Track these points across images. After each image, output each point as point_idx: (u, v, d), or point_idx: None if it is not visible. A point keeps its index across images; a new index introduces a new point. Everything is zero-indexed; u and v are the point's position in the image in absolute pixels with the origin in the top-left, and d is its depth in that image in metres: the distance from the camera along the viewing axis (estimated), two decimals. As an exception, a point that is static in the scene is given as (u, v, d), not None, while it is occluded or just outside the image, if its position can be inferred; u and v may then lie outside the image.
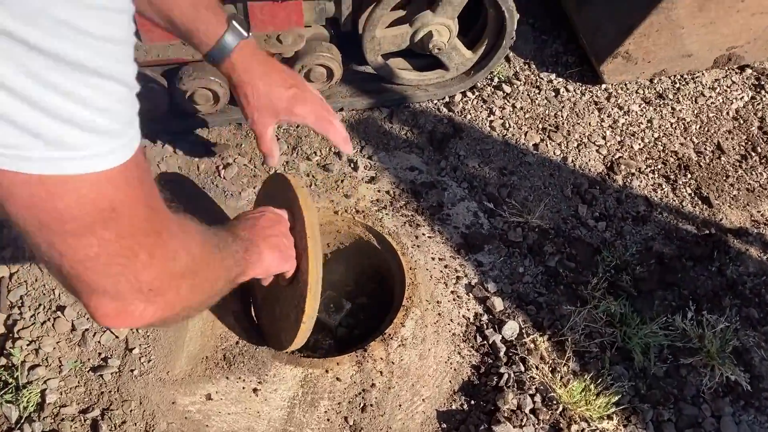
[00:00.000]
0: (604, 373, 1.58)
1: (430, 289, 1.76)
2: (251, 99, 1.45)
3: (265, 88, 1.44)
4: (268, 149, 1.55)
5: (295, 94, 1.48)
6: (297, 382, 1.60)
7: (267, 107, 1.46)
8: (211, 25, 1.34)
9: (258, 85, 1.43)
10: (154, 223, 0.77)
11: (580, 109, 2.19)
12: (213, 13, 1.34)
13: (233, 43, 1.37)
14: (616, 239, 1.85)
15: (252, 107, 1.46)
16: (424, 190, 1.94)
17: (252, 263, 1.24)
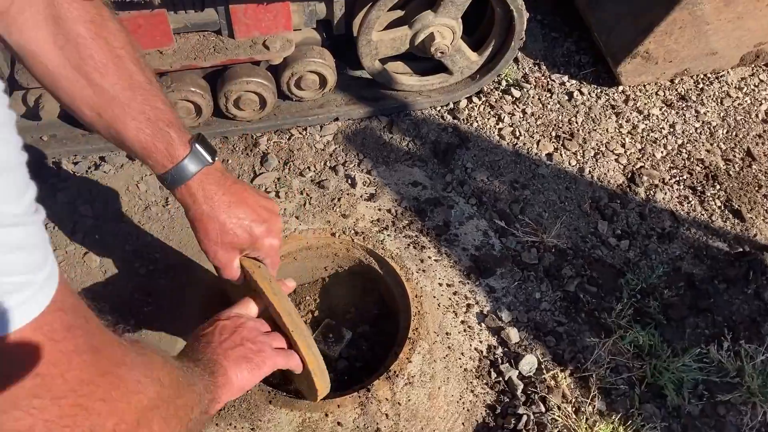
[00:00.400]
0: (634, 413, 1.46)
1: (438, 318, 1.63)
2: (212, 235, 1.22)
3: (231, 223, 1.23)
4: (231, 277, 1.33)
5: (266, 231, 1.29)
6: (294, 427, 1.48)
7: (231, 244, 1.25)
8: (172, 145, 1.13)
9: (221, 219, 1.21)
10: (101, 365, 0.67)
11: (596, 114, 2.06)
12: (175, 131, 1.14)
13: (195, 168, 1.16)
14: (641, 259, 1.73)
15: (213, 244, 1.24)
16: (429, 208, 1.81)
17: (221, 386, 1.11)
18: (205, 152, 1.18)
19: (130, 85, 1.06)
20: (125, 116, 1.06)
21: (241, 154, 1.92)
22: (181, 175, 1.15)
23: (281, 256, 1.75)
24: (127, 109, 1.06)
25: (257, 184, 1.85)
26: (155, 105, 1.10)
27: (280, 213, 1.80)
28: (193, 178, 1.16)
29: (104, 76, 1.02)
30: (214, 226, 1.21)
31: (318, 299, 1.88)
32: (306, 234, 1.77)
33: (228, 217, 1.22)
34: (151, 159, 1.13)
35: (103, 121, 1.07)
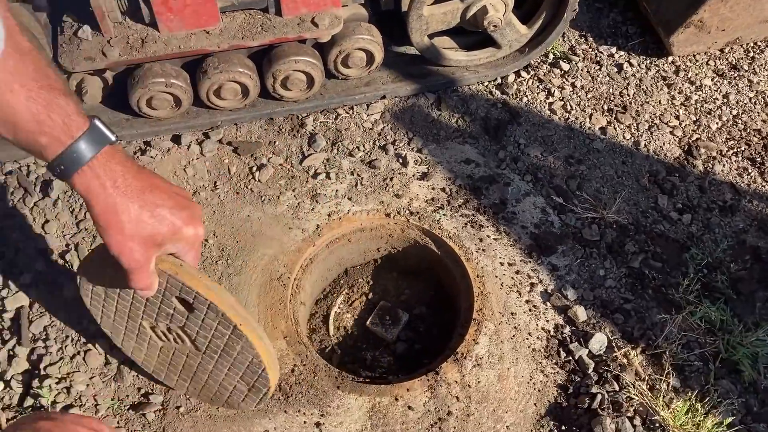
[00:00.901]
0: (710, 389, 1.46)
1: (502, 299, 1.62)
2: (127, 229, 1.01)
3: (147, 212, 1.02)
4: (146, 285, 1.11)
5: (188, 217, 1.08)
6: (364, 413, 1.47)
7: (150, 237, 1.04)
8: (70, 116, 0.94)
9: (135, 207, 1.01)
10: None
11: (648, 86, 2.03)
12: (73, 102, 0.96)
13: (98, 145, 0.96)
14: (704, 233, 1.71)
15: (129, 240, 1.02)
16: (484, 186, 1.79)
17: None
18: (106, 129, 0.99)
19: (18, 50, 0.90)
20: (13, 82, 0.89)
21: (288, 136, 1.89)
22: (82, 155, 0.95)
23: (336, 238, 1.74)
24: (16, 75, 0.90)
25: (307, 165, 1.83)
26: (47, 73, 0.94)
27: (332, 194, 1.78)
28: (96, 157, 0.96)
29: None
30: (128, 216, 1.00)
31: (371, 281, 1.87)
32: (360, 215, 1.75)
33: (143, 204, 1.02)
34: (45, 135, 0.93)
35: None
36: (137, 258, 1.04)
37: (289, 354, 1.54)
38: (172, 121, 1.84)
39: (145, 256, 1.05)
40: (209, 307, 1.19)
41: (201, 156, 1.83)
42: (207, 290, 1.16)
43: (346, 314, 1.82)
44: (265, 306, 1.61)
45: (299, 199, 1.77)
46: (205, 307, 1.19)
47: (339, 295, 1.83)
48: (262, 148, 1.86)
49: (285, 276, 1.65)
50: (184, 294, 1.18)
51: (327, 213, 1.75)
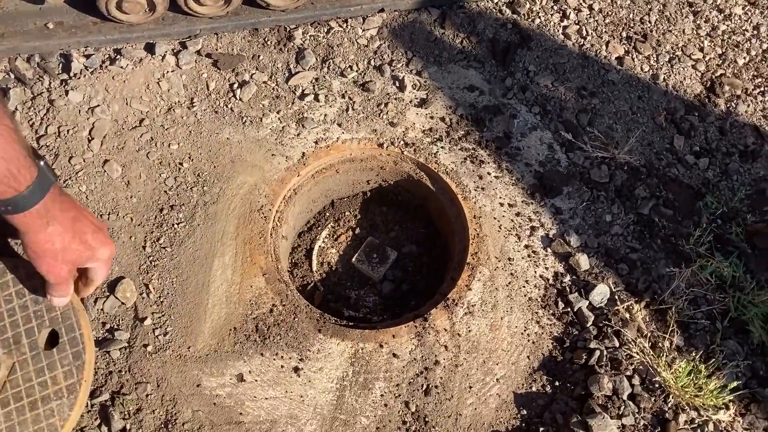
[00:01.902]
0: (715, 349, 1.36)
1: (500, 242, 1.49)
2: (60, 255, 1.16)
3: (76, 241, 1.16)
4: (65, 293, 1.25)
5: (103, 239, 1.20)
6: (346, 358, 1.37)
7: (74, 261, 1.19)
8: (24, 167, 1.03)
9: (67, 238, 1.15)
10: None
11: (671, 13, 1.83)
12: (26, 151, 1.04)
13: (43, 190, 1.08)
14: (721, 180, 1.58)
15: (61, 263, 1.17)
16: (488, 117, 1.63)
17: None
18: (50, 173, 1.11)
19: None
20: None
21: (274, 50, 1.70)
22: (30, 201, 1.07)
23: (323, 168, 1.59)
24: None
25: (293, 84, 1.65)
26: (8, 124, 1.00)
27: (320, 119, 1.61)
28: (41, 201, 1.08)
29: None
30: (61, 245, 1.15)
31: (359, 215, 1.73)
32: (350, 144, 1.59)
33: (74, 233, 1.16)
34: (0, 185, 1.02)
35: None
36: (64, 275, 1.19)
37: (267, 292, 1.42)
38: (145, 28, 1.63)
39: (70, 274, 1.21)
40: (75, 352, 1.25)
41: (177, 68, 1.64)
42: (89, 339, 1.26)
43: (331, 249, 1.70)
44: (243, 239, 1.47)
45: (284, 122, 1.60)
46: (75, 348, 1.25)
47: (324, 229, 1.70)
48: (245, 63, 1.67)
49: (266, 208, 1.51)
50: (64, 326, 1.27)
51: (314, 140, 1.59)
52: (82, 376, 1.24)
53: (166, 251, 1.45)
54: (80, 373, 1.24)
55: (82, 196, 1.47)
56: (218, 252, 1.45)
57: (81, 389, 1.23)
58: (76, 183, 1.48)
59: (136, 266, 1.43)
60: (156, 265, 1.43)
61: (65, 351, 1.26)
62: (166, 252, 1.45)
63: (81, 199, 1.47)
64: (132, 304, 1.40)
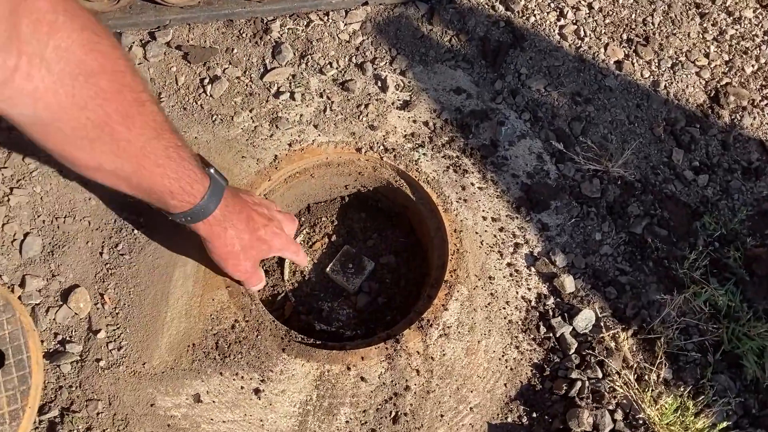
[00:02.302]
0: (705, 384, 1.28)
1: (481, 259, 1.40)
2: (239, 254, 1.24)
3: (255, 239, 1.25)
4: (259, 279, 1.35)
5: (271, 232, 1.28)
6: (310, 381, 1.28)
7: (255, 257, 1.28)
8: (197, 181, 1.08)
9: (246, 239, 1.23)
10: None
11: (677, 14, 1.72)
12: (195, 164, 1.08)
13: (217, 199, 1.13)
14: (721, 198, 1.48)
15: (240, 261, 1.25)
16: (474, 122, 1.52)
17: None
18: (220, 177, 1.16)
19: (154, 130, 0.99)
20: (150, 164, 1.00)
21: (249, 43, 1.59)
22: (207, 210, 1.12)
23: (296, 172, 1.49)
24: (152, 157, 1.00)
25: (268, 81, 1.54)
26: (176, 143, 1.04)
27: (295, 119, 1.51)
28: (218, 207, 1.13)
29: (131, 128, 0.94)
30: (241, 246, 1.22)
31: (336, 221, 1.64)
32: (326, 148, 1.50)
33: (251, 232, 1.23)
34: (175, 199, 1.07)
35: (124, 173, 0.99)
36: (250, 270, 1.28)
37: (230, 307, 1.33)
38: (110, 16, 1.53)
39: (254, 267, 1.29)
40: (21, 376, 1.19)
41: (144, 61, 1.54)
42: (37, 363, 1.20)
43: (305, 256, 1.60)
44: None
45: (257, 121, 1.50)
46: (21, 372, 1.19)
47: (298, 235, 1.61)
48: (218, 56, 1.57)
49: (233, 214, 1.41)
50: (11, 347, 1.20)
51: (288, 141, 1.49)
52: (27, 402, 1.16)
53: (124, 258, 1.36)
54: (25, 399, 1.16)
55: (37, 198, 1.38)
56: (180, 261, 1.36)
57: (24, 416, 1.16)
58: (30, 183, 1.39)
59: (92, 274, 1.34)
60: (113, 274, 1.34)
61: (11, 374, 1.19)
62: (125, 259, 1.36)
63: (36, 201, 1.38)
64: (86, 314, 1.31)
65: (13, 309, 1.25)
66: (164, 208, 1.11)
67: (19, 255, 1.34)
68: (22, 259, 1.34)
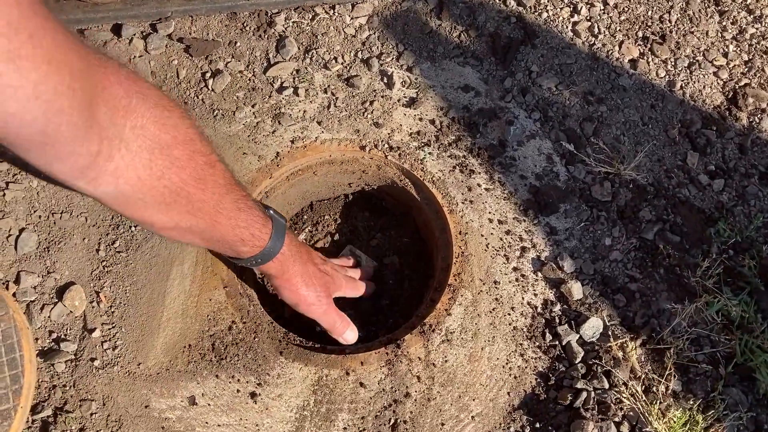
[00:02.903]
0: (716, 398, 1.24)
1: (486, 263, 1.36)
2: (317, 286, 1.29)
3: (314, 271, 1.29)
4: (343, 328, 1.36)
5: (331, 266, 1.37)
6: (308, 386, 1.25)
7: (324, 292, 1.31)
8: (265, 225, 1.15)
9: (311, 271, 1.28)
10: None
11: (695, 12, 1.67)
12: (258, 209, 1.14)
13: (281, 237, 1.19)
14: (737, 204, 1.43)
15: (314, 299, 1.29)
16: (482, 121, 1.49)
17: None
18: (279, 216, 1.21)
19: (224, 187, 1.04)
20: (223, 219, 1.05)
21: (253, 36, 1.56)
22: (273, 250, 1.17)
23: (298, 170, 1.46)
24: (224, 212, 1.05)
25: (271, 76, 1.51)
26: (243, 195, 1.09)
27: (298, 115, 1.48)
28: (283, 248, 1.18)
29: (204, 190, 0.99)
30: (313, 276, 1.27)
31: (339, 219, 1.61)
32: (329, 145, 1.46)
33: (314, 267, 1.28)
34: (246, 245, 1.12)
35: (199, 229, 1.04)
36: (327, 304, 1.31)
37: (227, 308, 1.31)
38: (111, 7, 1.50)
39: (330, 305, 1.32)
40: (14, 375, 1.17)
41: (145, 53, 1.51)
42: (30, 362, 1.18)
43: (307, 256, 1.57)
44: (204, 248, 1.35)
45: (259, 117, 1.47)
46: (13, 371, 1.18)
47: (300, 233, 1.58)
48: (220, 50, 1.53)
49: (233, 212, 1.38)
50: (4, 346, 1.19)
51: (290, 138, 1.46)
52: (19, 402, 1.14)
53: (121, 256, 1.34)
54: (17, 398, 1.15)
55: (33, 192, 1.36)
56: (177, 259, 1.34)
57: (16, 416, 1.14)
58: (26, 178, 1.37)
59: (88, 272, 1.32)
60: (109, 272, 1.32)
61: (3, 373, 1.17)
62: (121, 257, 1.33)
63: (32, 196, 1.36)
64: (81, 313, 1.29)
65: (6, 306, 1.23)
66: (235, 255, 1.17)
67: (14, 251, 1.32)
68: (17, 255, 1.31)
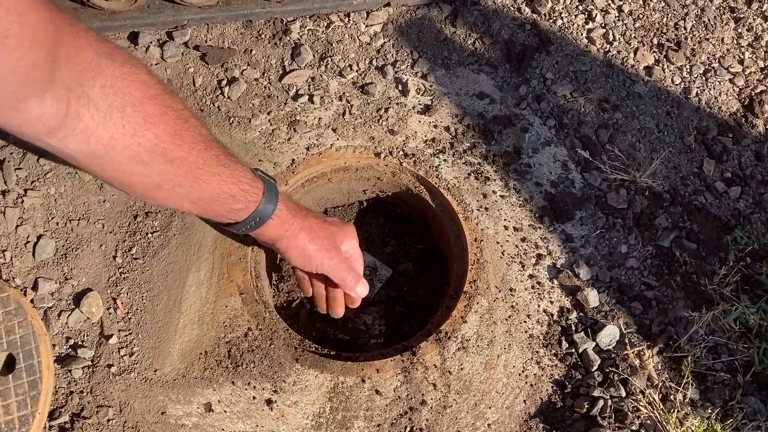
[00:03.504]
0: (734, 406, 1.23)
1: (502, 270, 1.36)
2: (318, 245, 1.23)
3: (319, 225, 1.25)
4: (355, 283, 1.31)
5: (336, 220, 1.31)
6: (324, 393, 1.26)
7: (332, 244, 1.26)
8: (255, 180, 1.12)
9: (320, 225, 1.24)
10: None
11: (710, 19, 1.67)
12: (245, 165, 1.12)
13: (275, 191, 1.16)
14: (754, 212, 1.43)
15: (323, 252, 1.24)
16: (497, 128, 1.49)
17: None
18: (268, 176, 1.18)
19: (203, 143, 1.02)
20: (206, 174, 1.02)
21: (269, 44, 1.57)
22: (269, 205, 1.14)
23: (313, 177, 1.47)
24: (207, 167, 1.02)
25: (287, 83, 1.52)
26: (224, 151, 1.07)
27: (314, 123, 1.49)
28: (279, 204, 1.15)
29: (180, 146, 0.97)
30: (319, 234, 1.22)
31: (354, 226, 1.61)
32: (344, 152, 1.47)
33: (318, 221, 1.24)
34: (239, 203, 1.10)
35: (184, 188, 1.02)
36: (337, 262, 1.25)
37: (243, 314, 1.32)
38: (127, 16, 1.52)
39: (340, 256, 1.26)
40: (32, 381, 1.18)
41: (161, 61, 1.53)
42: (47, 368, 1.19)
43: (321, 263, 1.58)
44: (221, 253, 1.36)
45: (274, 124, 1.48)
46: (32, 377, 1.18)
47: (314, 240, 1.58)
48: (236, 57, 1.55)
49: (248, 219, 1.39)
50: (22, 351, 1.19)
51: (306, 145, 1.47)
52: (37, 408, 1.15)
53: (137, 263, 1.35)
54: (35, 404, 1.16)
55: (51, 199, 1.37)
56: (193, 266, 1.35)
57: (34, 422, 1.15)
58: (44, 185, 1.38)
59: (105, 278, 1.33)
60: (126, 278, 1.33)
61: (21, 379, 1.18)
62: (138, 264, 1.35)
63: (50, 203, 1.38)
64: (98, 319, 1.30)
65: (25, 312, 1.24)
66: (232, 220, 1.14)
67: (32, 257, 1.33)
68: (35, 262, 1.33)
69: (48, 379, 1.19)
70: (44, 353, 1.21)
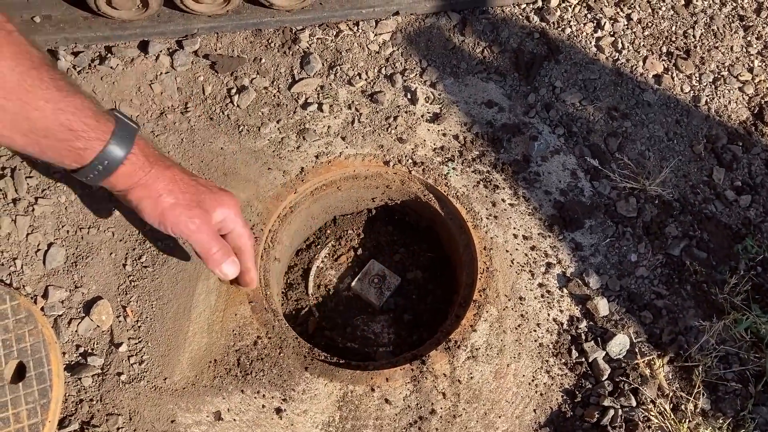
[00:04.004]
0: (746, 417, 1.23)
1: (511, 279, 1.36)
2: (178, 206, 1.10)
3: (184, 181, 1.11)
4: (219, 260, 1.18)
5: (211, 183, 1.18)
6: (333, 401, 1.26)
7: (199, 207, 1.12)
8: (102, 116, 0.98)
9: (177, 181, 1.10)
10: None
11: (719, 27, 1.67)
12: (93, 101, 0.98)
13: (131, 136, 1.02)
14: (764, 220, 1.43)
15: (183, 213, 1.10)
16: (506, 136, 1.49)
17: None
18: (128, 119, 1.04)
19: (30, 61, 0.89)
20: (35, 99, 0.88)
21: (278, 53, 1.58)
22: (121, 148, 0.99)
23: (322, 185, 1.47)
24: (37, 91, 0.89)
25: (296, 92, 1.53)
26: (63, 76, 0.94)
27: (323, 131, 1.50)
28: (134, 147, 1.01)
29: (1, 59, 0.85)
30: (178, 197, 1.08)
31: (362, 234, 1.62)
32: (353, 160, 1.48)
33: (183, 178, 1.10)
34: (81, 140, 0.95)
35: (8, 115, 0.87)
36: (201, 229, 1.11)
37: (253, 323, 1.32)
38: (138, 25, 1.53)
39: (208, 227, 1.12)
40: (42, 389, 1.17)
41: (171, 70, 1.54)
42: (57, 376, 1.19)
43: (330, 270, 1.59)
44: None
45: (284, 133, 1.49)
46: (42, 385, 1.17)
47: (323, 248, 1.59)
48: (245, 66, 1.56)
49: (258, 227, 1.40)
50: (32, 360, 1.19)
51: (315, 154, 1.47)
52: (47, 417, 1.16)
53: (147, 270, 1.35)
54: (45, 413, 1.16)
55: (61, 208, 1.38)
56: (203, 274, 1.35)
57: (44, 430, 1.15)
58: (55, 193, 1.39)
59: (115, 286, 1.34)
60: (136, 286, 1.34)
61: (32, 387, 1.18)
62: (148, 272, 1.35)
63: (60, 211, 1.38)
64: (108, 327, 1.31)
65: (35, 320, 1.25)
66: (75, 162, 0.98)
67: (42, 265, 1.34)
68: (46, 270, 1.34)
69: (58, 388, 1.20)
70: (54, 361, 1.21)
